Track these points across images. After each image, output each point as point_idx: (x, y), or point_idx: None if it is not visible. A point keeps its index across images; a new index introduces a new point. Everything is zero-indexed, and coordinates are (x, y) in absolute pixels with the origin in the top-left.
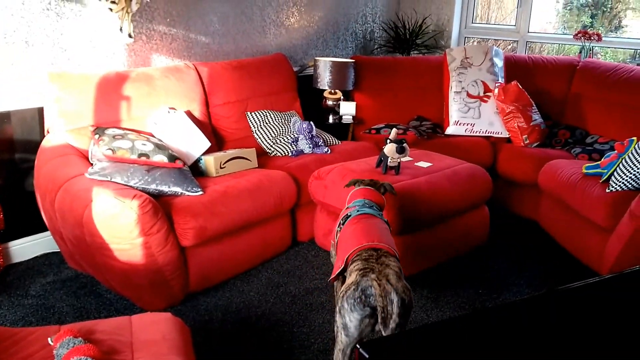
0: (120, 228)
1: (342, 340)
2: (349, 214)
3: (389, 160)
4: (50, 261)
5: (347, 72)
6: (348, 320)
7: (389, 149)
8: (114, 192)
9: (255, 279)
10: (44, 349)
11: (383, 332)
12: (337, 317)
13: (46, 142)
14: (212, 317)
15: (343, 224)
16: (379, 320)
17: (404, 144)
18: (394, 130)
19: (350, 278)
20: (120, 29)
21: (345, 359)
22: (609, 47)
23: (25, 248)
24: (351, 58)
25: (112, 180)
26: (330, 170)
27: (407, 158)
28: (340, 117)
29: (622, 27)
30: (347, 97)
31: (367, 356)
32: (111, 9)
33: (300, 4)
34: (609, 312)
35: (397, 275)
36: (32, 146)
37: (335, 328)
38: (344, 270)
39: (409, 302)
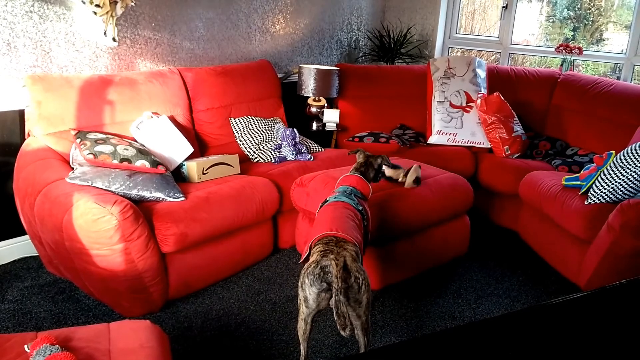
0: (101, 234)
1: (303, 311)
2: (327, 199)
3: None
4: (28, 265)
5: (331, 79)
6: (308, 294)
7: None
8: (94, 197)
9: (235, 286)
10: (20, 356)
11: (341, 306)
12: (299, 291)
13: (26, 145)
14: (191, 324)
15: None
16: (334, 293)
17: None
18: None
19: (312, 257)
20: (105, 33)
21: (307, 326)
22: (590, 60)
23: (2, 252)
24: (336, 66)
25: (93, 185)
26: (312, 178)
27: None
28: (324, 125)
29: (604, 40)
30: (331, 104)
31: None
32: (95, 13)
33: (286, 11)
34: (589, 329)
35: (352, 258)
36: (12, 149)
37: (298, 301)
38: (309, 255)
39: (364, 280)
